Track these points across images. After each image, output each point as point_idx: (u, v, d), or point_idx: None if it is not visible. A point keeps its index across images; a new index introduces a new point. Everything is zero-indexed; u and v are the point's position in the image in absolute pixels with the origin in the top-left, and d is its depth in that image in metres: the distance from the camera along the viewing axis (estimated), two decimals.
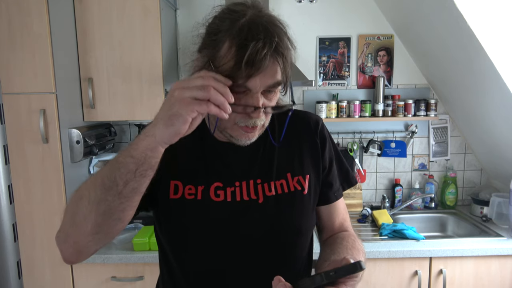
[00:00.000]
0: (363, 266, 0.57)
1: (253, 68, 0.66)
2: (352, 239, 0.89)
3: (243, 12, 0.70)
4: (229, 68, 0.67)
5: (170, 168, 0.82)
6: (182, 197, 0.82)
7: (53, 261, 1.69)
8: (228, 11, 0.73)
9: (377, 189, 2.40)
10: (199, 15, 0.76)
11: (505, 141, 1.96)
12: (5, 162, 1.67)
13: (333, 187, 0.94)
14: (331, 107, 2.19)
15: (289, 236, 0.85)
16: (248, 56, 0.65)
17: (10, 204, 1.68)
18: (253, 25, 0.68)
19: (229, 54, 0.68)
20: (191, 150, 0.85)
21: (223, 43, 0.69)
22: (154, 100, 1.87)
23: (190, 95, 0.62)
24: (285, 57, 0.70)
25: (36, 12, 1.56)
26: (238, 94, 0.70)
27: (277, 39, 0.68)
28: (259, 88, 0.70)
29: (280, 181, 0.85)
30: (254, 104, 0.71)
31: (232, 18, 0.70)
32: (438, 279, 1.76)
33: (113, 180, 0.65)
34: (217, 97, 0.62)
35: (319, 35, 2.27)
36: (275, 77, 0.71)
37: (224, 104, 0.63)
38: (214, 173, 0.84)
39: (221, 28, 0.70)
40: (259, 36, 0.66)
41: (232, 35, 0.68)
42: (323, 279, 0.57)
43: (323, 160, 0.92)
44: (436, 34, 1.87)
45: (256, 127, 0.76)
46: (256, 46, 0.65)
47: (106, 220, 0.68)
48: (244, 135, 0.77)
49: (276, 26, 0.70)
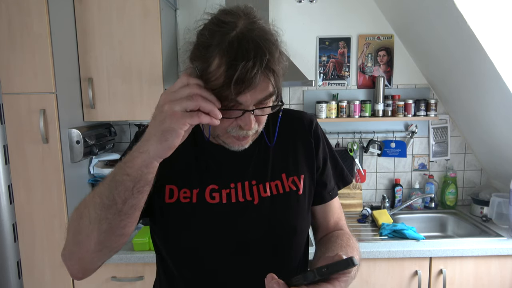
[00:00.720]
0: (356, 262, 0.57)
1: (243, 86, 0.65)
2: (346, 237, 0.89)
3: (234, 24, 0.68)
4: (219, 85, 0.66)
5: (164, 173, 0.81)
6: (177, 201, 0.82)
7: (53, 261, 1.70)
8: (218, 22, 0.70)
9: (377, 189, 2.40)
10: (199, 15, 0.75)
11: (505, 141, 1.96)
12: (5, 162, 1.67)
13: (327, 186, 0.94)
14: (331, 107, 2.19)
15: (284, 237, 0.85)
16: (238, 76, 0.64)
17: (10, 204, 1.68)
18: (244, 41, 0.66)
19: (218, 72, 0.67)
20: (184, 154, 0.84)
21: (213, 59, 0.67)
22: (154, 100, 1.85)
23: (180, 107, 0.62)
24: (276, 72, 0.69)
25: (36, 12, 1.56)
26: (229, 109, 0.69)
27: (268, 56, 0.66)
28: (250, 102, 0.69)
29: (275, 182, 0.86)
30: (247, 123, 0.71)
31: (222, 32, 0.68)
32: (438, 279, 1.76)
33: (112, 199, 0.66)
34: (206, 105, 0.63)
35: (319, 35, 2.27)
36: (267, 91, 0.70)
37: (214, 110, 0.64)
38: (209, 175, 0.84)
39: (211, 43, 0.68)
40: (249, 55, 0.65)
41: (222, 51, 0.66)
42: (316, 275, 0.57)
43: (317, 160, 0.91)
44: (436, 34, 1.87)
45: (248, 136, 0.76)
46: (246, 67, 0.64)
47: (108, 237, 0.70)
48: (237, 143, 0.77)
49: (267, 40, 0.68)
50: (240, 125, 0.72)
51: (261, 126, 0.78)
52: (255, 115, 0.72)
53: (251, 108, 0.71)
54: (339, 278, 0.61)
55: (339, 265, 0.58)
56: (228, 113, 0.71)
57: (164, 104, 0.63)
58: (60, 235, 1.67)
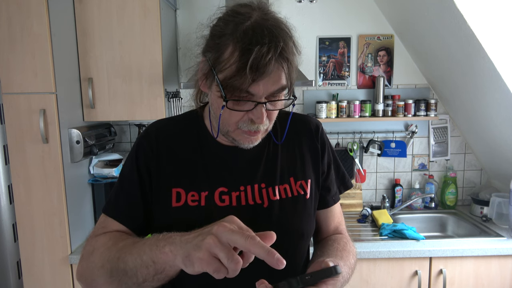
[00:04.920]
0: (339, 271, 0.60)
1: (257, 73, 0.65)
2: (344, 241, 0.89)
3: (248, 14, 0.69)
4: (232, 73, 0.66)
5: (171, 177, 0.82)
6: (185, 204, 0.81)
7: (53, 261, 1.69)
8: (233, 13, 0.71)
9: (377, 189, 2.40)
10: (199, 15, 0.76)
11: (505, 141, 1.96)
12: (5, 162, 1.67)
13: (331, 191, 0.94)
14: (331, 107, 2.19)
15: (292, 240, 0.85)
16: (252, 61, 0.64)
17: (10, 204, 1.69)
18: (258, 29, 0.66)
19: (232, 58, 0.66)
20: (191, 157, 0.84)
21: (227, 47, 0.67)
22: (154, 100, 1.87)
23: (219, 253, 0.58)
24: (290, 62, 0.69)
25: (36, 12, 1.56)
26: (241, 101, 0.69)
27: (282, 43, 0.66)
28: (262, 93, 0.69)
29: (284, 186, 0.85)
30: (258, 116, 0.70)
31: (237, 21, 0.68)
32: (438, 279, 1.76)
33: (134, 272, 0.68)
34: (235, 269, 0.59)
35: (319, 35, 2.27)
36: (279, 82, 0.69)
37: (234, 273, 0.59)
38: (218, 178, 0.83)
39: (225, 31, 0.68)
40: (264, 40, 0.65)
41: (236, 39, 0.66)
42: (299, 283, 0.59)
43: (322, 165, 0.92)
44: (436, 34, 1.87)
45: (259, 131, 0.76)
46: (260, 51, 0.64)
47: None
48: (247, 139, 0.77)
49: (282, 29, 0.69)
50: (251, 118, 0.72)
51: (272, 122, 0.78)
52: (267, 109, 0.72)
53: (263, 100, 0.70)
54: (327, 282, 0.62)
55: (323, 273, 0.61)
56: (240, 105, 0.70)
57: (214, 235, 0.58)
58: (60, 234, 1.67)
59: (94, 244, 0.78)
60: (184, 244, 0.62)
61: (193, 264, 0.59)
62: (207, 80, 0.74)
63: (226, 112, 0.72)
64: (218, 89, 0.70)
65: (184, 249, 0.62)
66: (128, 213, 0.83)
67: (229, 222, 0.61)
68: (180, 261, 0.62)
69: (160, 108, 1.88)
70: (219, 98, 0.71)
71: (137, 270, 0.67)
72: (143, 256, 0.67)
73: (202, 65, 0.75)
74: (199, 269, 0.59)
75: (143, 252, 0.67)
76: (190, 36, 2.06)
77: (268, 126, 0.77)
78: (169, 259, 0.64)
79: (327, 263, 0.64)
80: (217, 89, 0.71)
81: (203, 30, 0.75)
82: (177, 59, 2.23)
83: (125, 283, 0.70)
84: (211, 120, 0.84)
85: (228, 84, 0.67)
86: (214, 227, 0.60)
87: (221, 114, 0.73)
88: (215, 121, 0.80)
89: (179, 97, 2.12)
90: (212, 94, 0.75)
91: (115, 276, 0.71)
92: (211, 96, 0.76)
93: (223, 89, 0.69)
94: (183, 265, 0.61)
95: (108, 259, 0.72)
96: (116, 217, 0.83)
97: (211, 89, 0.74)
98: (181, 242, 0.63)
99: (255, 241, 0.56)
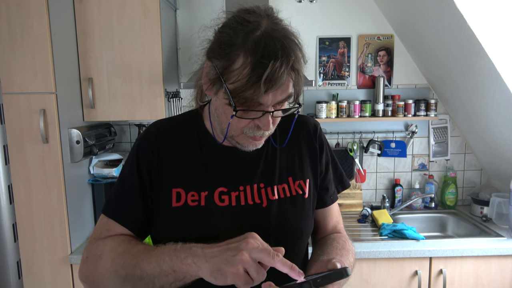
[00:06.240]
0: (349, 273, 0.62)
1: (270, 85, 0.66)
2: (343, 240, 0.90)
3: (257, 23, 0.69)
4: (244, 85, 0.66)
5: (171, 177, 0.82)
6: (185, 204, 0.81)
7: (53, 261, 1.69)
8: (241, 20, 0.70)
9: (377, 189, 2.40)
10: (199, 15, 0.75)
11: (505, 141, 1.96)
12: (5, 162, 1.67)
13: (329, 190, 0.95)
14: (331, 107, 2.19)
15: (291, 240, 0.85)
16: (267, 75, 0.64)
17: (10, 204, 1.68)
18: (270, 41, 0.66)
19: (244, 70, 0.66)
20: (191, 157, 0.84)
21: (237, 57, 0.67)
22: (154, 100, 1.87)
23: (250, 269, 0.63)
24: (299, 72, 0.70)
25: (36, 12, 1.56)
26: (248, 108, 0.70)
27: (293, 57, 0.67)
28: (271, 103, 0.70)
29: (282, 185, 0.86)
30: (265, 123, 0.72)
31: (246, 30, 0.68)
32: (438, 279, 1.76)
33: (151, 279, 0.70)
34: (261, 280, 0.63)
35: (319, 35, 2.27)
36: (287, 91, 0.71)
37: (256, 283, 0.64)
38: (218, 178, 0.83)
39: (235, 41, 0.68)
40: (277, 54, 0.65)
41: (247, 51, 0.66)
42: (311, 286, 0.60)
43: (321, 165, 0.93)
44: (436, 34, 1.87)
45: (264, 136, 0.77)
46: (274, 65, 0.65)
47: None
48: (252, 143, 0.78)
49: (292, 40, 0.69)
50: (258, 125, 0.73)
51: (275, 126, 0.79)
52: (273, 116, 0.73)
53: (270, 109, 0.71)
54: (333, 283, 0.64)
55: (334, 275, 0.62)
56: (248, 114, 0.71)
57: (244, 251, 0.63)
58: (60, 234, 1.67)
59: (102, 249, 0.78)
60: (210, 258, 0.65)
61: (226, 278, 0.63)
62: (213, 86, 0.74)
63: (234, 119, 0.73)
64: (226, 97, 0.70)
65: (211, 263, 0.64)
66: (129, 214, 0.83)
67: (253, 239, 0.65)
68: (207, 274, 0.64)
69: (160, 108, 1.88)
70: (226, 105, 0.72)
71: (155, 278, 0.69)
72: (162, 265, 0.69)
73: (207, 70, 0.75)
74: (231, 282, 0.63)
75: (163, 261, 0.69)
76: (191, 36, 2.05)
77: (272, 130, 0.78)
78: (192, 270, 0.66)
79: (335, 264, 0.65)
80: (225, 96, 0.71)
81: (206, 31, 0.75)
82: (177, 59, 2.23)
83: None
84: (212, 121, 0.84)
85: (238, 95, 0.68)
86: (242, 244, 0.64)
87: (229, 122, 0.74)
88: (216, 123, 0.81)
89: (179, 97, 2.12)
90: (218, 100, 0.75)
91: (130, 281, 0.72)
92: (217, 101, 0.76)
93: (232, 98, 0.69)
94: (212, 278, 0.64)
95: (123, 265, 0.73)
96: (118, 219, 0.83)
97: (218, 95, 0.74)
98: (205, 255, 0.66)
99: (279, 258, 0.63)
